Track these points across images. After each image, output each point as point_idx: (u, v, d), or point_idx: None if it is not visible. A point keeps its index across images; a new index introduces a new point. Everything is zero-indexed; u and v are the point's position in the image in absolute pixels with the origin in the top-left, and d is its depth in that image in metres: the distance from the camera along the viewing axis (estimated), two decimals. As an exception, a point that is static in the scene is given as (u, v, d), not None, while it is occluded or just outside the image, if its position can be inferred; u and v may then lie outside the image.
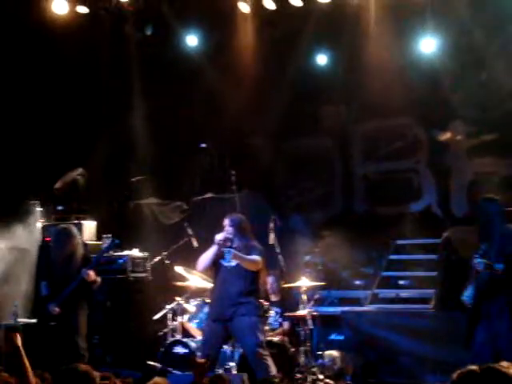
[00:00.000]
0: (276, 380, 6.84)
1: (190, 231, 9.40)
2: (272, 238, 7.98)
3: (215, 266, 7.79)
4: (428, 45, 10.67)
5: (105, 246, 8.93)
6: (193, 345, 8.64)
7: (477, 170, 11.15)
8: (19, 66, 11.18)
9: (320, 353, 8.98)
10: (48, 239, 10.28)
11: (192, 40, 11.60)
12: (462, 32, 10.63)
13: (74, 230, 8.34)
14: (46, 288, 8.14)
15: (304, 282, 8.94)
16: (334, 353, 9.17)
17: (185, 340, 8.82)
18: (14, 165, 11.17)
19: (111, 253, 9.51)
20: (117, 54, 11.82)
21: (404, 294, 10.63)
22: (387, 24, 10.77)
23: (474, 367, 2.76)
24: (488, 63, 10.80)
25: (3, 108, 11.12)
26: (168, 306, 9.21)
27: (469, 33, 10.58)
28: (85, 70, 11.62)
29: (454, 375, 2.76)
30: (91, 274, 7.90)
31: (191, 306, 9.33)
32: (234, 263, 7.59)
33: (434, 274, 9.93)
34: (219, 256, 7.68)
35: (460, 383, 2.74)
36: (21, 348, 4.58)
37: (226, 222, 7.73)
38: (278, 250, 7.90)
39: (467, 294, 7.17)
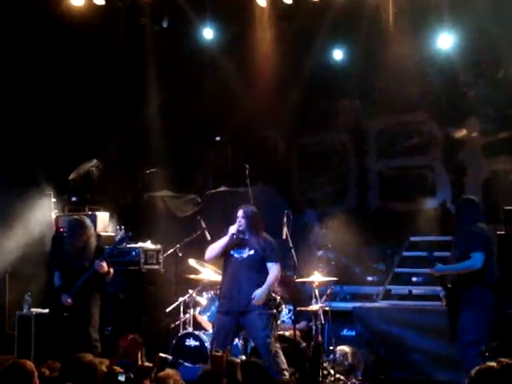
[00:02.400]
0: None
1: (203, 224, 9.40)
2: (285, 232, 7.95)
3: (225, 258, 7.79)
4: (445, 41, 10.59)
5: (118, 238, 8.95)
6: (204, 337, 8.66)
7: (492, 167, 11.09)
8: (35, 57, 11.21)
9: (331, 348, 8.96)
10: (61, 230, 10.33)
11: (208, 33, 11.58)
12: (480, 29, 10.57)
13: (88, 221, 8.36)
14: (59, 279, 8.17)
15: (316, 277, 8.93)
16: (346, 348, 9.15)
17: (196, 332, 8.84)
18: (29, 156, 11.21)
19: (124, 245, 9.51)
20: (133, 45, 11.83)
21: (416, 290, 10.57)
22: (404, 20, 10.73)
23: (492, 363, 2.73)
24: (505, 60, 10.74)
25: (19, 98, 11.14)
26: (180, 299, 9.23)
27: (486, 29, 10.51)
28: (101, 61, 11.63)
29: (472, 372, 2.74)
30: (104, 265, 7.92)
31: (203, 299, 9.34)
32: (245, 255, 7.59)
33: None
34: (230, 247, 7.69)
35: (478, 380, 2.72)
36: None
37: (240, 213, 7.71)
38: (290, 245, 7.87)
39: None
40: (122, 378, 4.62)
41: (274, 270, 7.58)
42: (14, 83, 11.06)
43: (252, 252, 7.59)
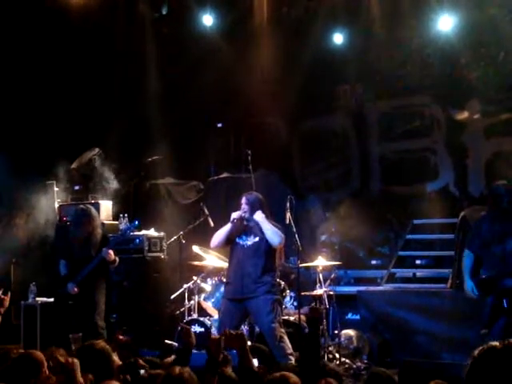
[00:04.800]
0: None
1: (206, 211, 9.40)
2: (288, 217, 7.96)
3: (231, 244, 7.80)
4: (446, 23, 10.57)
5: (122, 226, 8.95)
6: (209, 323, 8.68)
7: (494, 149, 11.08)
8: (36, 47, 11.19)
9: (336, 332, 8.99)
10: (65, 219, 10.34)
11: (208, 20, 11.55)
12: (480, 10, 10.53)
13: (94, 210, 8.38)
14: (64, 267, 8.21)
15: (320, 262, 8.95)
16: (351, 332, 9.18)
17: (201, 319, 8.85)
18: (31, 145, 11.21)
19: (128, 232, 9.53)
20: (132, 33, 11.80)
21: (421, 273, 10.60)
22: (404, 2, 10.70)
23: (495, 343, 2.73)
24: (506, 42, 10.70)
25: (21, 88, 11.14)
26: (185, 285, 9.25)
27: (487, 11, 10.49)
28: (100, 49, 11.61)
29: (475, 352, 2.75)
30: (112, 253, 7.96)
31: (207, 285, 9.36)
32: (250, 242, 7.60)
33: (450, 253, 9.90)
34: (235, 234, 7.70)
35: (481, 360, 2.72)
36: None
37: (243, 200, 7.72)
38: (294, 230, 7.88)
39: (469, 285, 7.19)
40: (142, 372, 4.60)
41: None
42: (16, 73, 11.04)
43: (257, 239, 7.60)
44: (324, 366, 4.26)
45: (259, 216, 7.52)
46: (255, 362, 4.42)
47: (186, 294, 9.23)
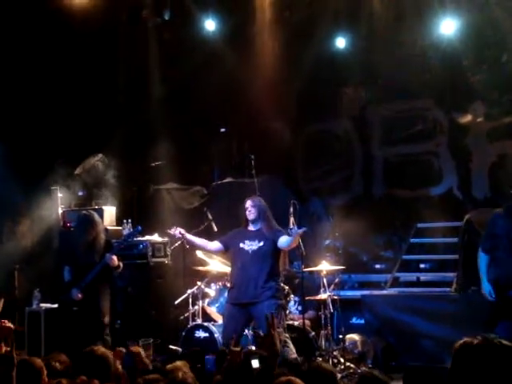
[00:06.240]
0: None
1: (209, 216, 9.40)
2: (292, 222, 7.95)
3: (234, 250, 7.80)
4: (448, 26, 10.58)
5: (128, 232, 8.96)
6: (213, 328, 8.68)
7: (497, 152, 11.06)
8: (40, 52, 11.19)
9: (341, 336, 8.98)
10: (69, 225, 10.34)
11: (210, 24, 11.56)
12: (483, 13, 10.53)
13: (97, 216, 8.39)
14: (68, 273, 8.21)
15: (324, 266, 8.95)
16: (355, 336, 9.17)
17: (205, 324, 8.85)
18: (34, 151, 11.21)
19: (132, 238, 9.53)
20: (135, 38, 11.81)
21: (425, 277, 10.58)
22: (407, 5, 10.69)
23: (471, 339, 2.78)
24: (508, 45, 10.69)
25: (23, 93, 11.14)
26: (189, 291, 9.25)
27: (489, 14, 10.48)
28: (103, 54, 11.61)
29: (455, 346, 2.80)
30: (115, 259, 7.96)
31: (212, 290, 9.36)
32: (255, 247, 7.60)
33: (455, 257, 9.88)
34: (238, 240, 7.71)
35: (458, 354, 2.76)
36: None
37: (249, 203, 7.73)
38: (298, 236, 7.88)
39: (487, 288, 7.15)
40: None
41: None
42: (18, 77, 11.04)
43: (262, 243, 7.60)
44: (318, 366, 4.22)
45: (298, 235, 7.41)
46: (256, 362, 4.36)
47: (190, 300, 9.24)
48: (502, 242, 7.12)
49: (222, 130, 12.97)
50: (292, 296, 9.00)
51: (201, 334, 8.78)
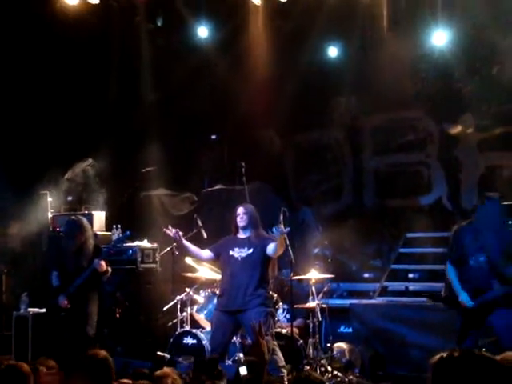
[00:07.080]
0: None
1: (199, 222, 9.39)
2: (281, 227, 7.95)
3: (223, 257, 7.80)
4: (440, 38, 10.62)
5: (117, 237, 8.94)
6: (201, 335, 8.67)
7: (487, 163, 11.11)
8: (30, 57, 11.19)
9: (329, 345, 8.98)
10: (58, 229, 10.32)
11: (203, 31, 11.58)
12: (474, 25, 10.59)
13: (86, 221, 8.37)
14: (56, 278, 8.18)
15: (313, 275, 8.96)
16: (343, 345, 9.16)
17: (194, 331, 8.84)
18: (24, 155, 11.20)
19: (121, 244, 9.52)
20: (127, 45, 11.82)
21: (413, 287, 10.60)
22: (399, 16, 10.74)
23: (445, 353, 2.79)
24: (499, 57, 10.75)
25: (14, 98, 11.13)
26: (177, 297, 9.23)
27: (481, 26, 10.53)
28: (95, 60, 11.62)
29: (433, 360, 2.80)
30: (103, 264, 7.95)
31: (200, 297, 9.35)
32: (244, 254, 7.60)
33: (443, 267, 9.90)
34: (228, 247, 7.71)
35: (437, 369, 2.77)
36: None
37: (241, 210, 7.73)
38: (287, 242, 7.88)
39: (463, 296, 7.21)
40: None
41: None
42: (10, 83, 11.04)
43: (251, 251, 7.59)
44: (308, 376, 4.21)
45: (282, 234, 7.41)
46: (244, 370, 4.36)
47: (179, 306, 9.22)
48: (469, 254, 7.21)
49: (213, 137, 12.99)
50: (281, 304, 9.00)
51: (189, 340, 8.77)
